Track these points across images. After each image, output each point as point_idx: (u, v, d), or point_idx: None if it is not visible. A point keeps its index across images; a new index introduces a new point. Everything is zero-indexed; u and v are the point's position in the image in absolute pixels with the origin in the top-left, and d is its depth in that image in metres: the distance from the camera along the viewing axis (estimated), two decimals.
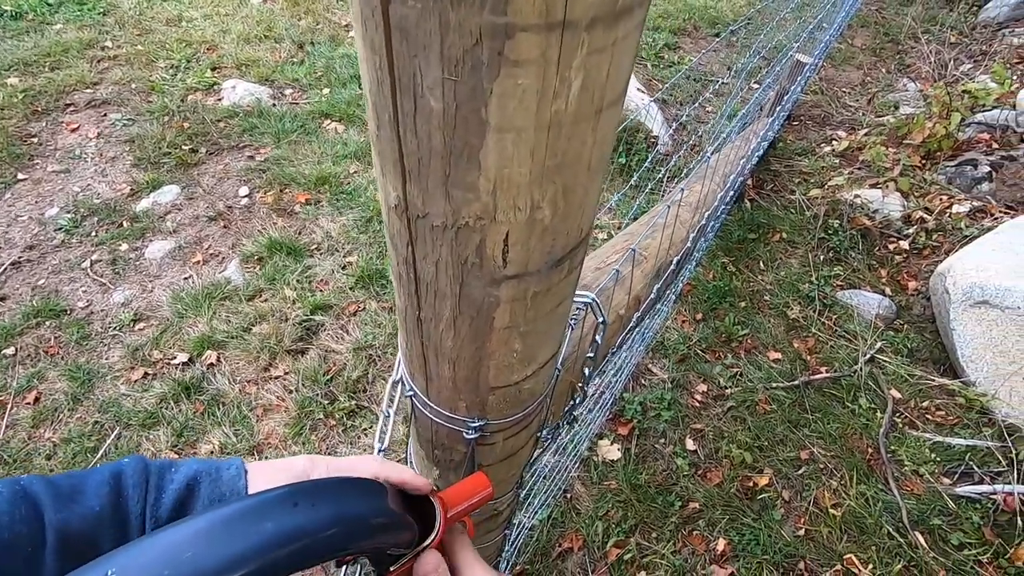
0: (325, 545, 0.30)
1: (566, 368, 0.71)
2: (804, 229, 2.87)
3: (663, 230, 1.16)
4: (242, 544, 0.27)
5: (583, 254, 0.39)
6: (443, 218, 0.31)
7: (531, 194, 0.29)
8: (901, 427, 2.07)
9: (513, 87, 0.24)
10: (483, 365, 0.43)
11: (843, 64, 4.65)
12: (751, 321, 2.44)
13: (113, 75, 3.28)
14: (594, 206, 0.35)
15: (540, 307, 0.39)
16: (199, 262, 2.38)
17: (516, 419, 0.52)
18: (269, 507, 0.29)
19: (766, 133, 2.96)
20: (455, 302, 0.37)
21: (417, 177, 0.30)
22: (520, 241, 0.32)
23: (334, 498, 0.32)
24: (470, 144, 0.27)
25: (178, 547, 0.26)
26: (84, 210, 2.53)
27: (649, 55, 4.01)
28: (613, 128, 0.31)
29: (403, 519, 0.38)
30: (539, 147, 0.27)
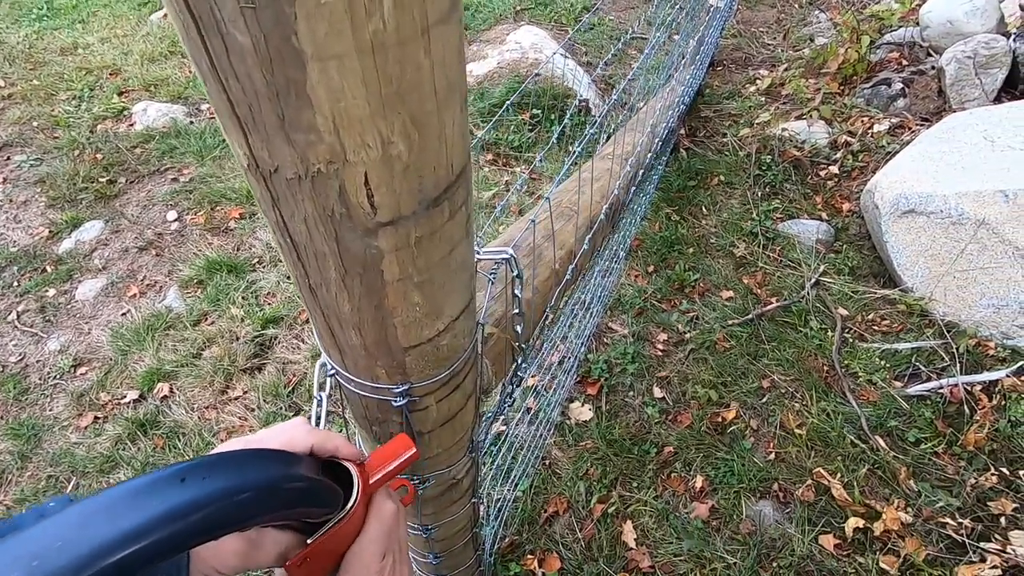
0: (224, 515, 0.29)
1: (499, 328, 0.71)
2: (739, 169, 2.94)
3: (589, 184, 1.17)
4: (125, 524, 0.26)
5: (464, 194, 0.38)
6: (294, 168, 0.30)
7: (377, 128, 0.29)
8: (851, 342, 2.16)
9: (316, 7, 0.23)
10: (388, 325, 0.42)
11: (757, 5, 4.74)
12: (701, 265, 2.50)
13: (10, 115, 3.08)
14: (461, 141, 0.35)
15: (429, 254, 0.38)
16: (135, 295, 2.28)
17: (443, 379, 0.51)
18: (152, 486, 0.28)
19: (691, 81, 3.00)
20: (337, 261, 0.36)
21: (254, 126, 0.28)
22: (383, 182, 0.31)
23: (232, 470, 0.31)
24: (294, 79, 0.26)
25: (50, 536, 0.24)
26: (1, 261, 2.39)
27: (569, 20, 4.00)
28: (453, 51, 0.30)
29: (320, 484, 0.37)
30: (368, 74, 0.26)
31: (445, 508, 0.80)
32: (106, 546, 0.24)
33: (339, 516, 0.39)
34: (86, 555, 0.24)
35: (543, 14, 4.03)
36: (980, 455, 1.75)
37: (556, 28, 3.89)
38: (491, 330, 0.69)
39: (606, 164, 1.35)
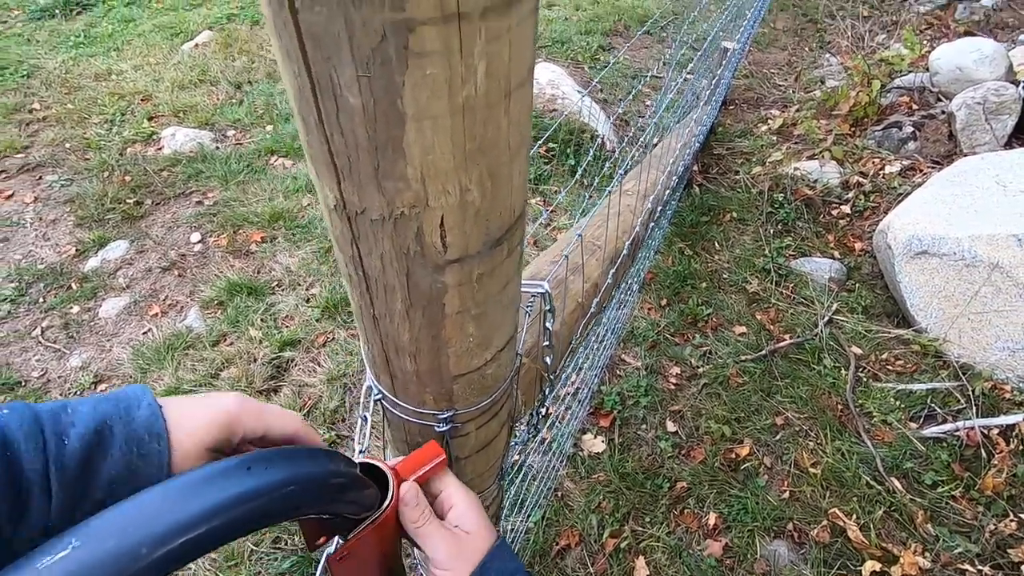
0: (283, 504, 0.33)
1: (530, 357, 0.74)
2: (752, 206, 2.98)
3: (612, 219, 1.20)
4: (200, 504, 0.29)
5: (521, 234, 0.41)
6: (380, 211, 0.33)
7: (458, 178, 0.32)
8: (865, 381, 2.16)
9: (422, 77, 0.27)
10: (442, 354, 0.45)
11: (768, 47, 4.87)
12: (714, 300, 2.52)
13: (45, 137, 3.19)
14: (522, 187, 0.38)
15: (487, 289, 0.41)
16: (157, 314, 2.32)
17: (484, 406, 0.54)
18: (224, 473, 0.31)
19: (704, 120, 3.07)
20: (405, 294, 0.39)
21: (349, 174, 0.32)
22: (456, 225, 0.34)
23: (288, 462, 0.35)
24: (393, 136, 0.29)
25: (135, 513, 0.28)
26: (28, 277, 2.45)
27: (585, 58, 4.12)
28: (526, 109, 0.33)
29: (360, 480, 0.41)
30: (457, 132, 0.30)
31: None
32: (196, 517, 0.29)
33: (375, 515, 0.43)
34: (174, 528, 0.28)
35: (560, 51, 4.15)
36: (999, 500, 1.73)
37: (572, 65, 4.00)
38: (524, 360, 0.71)
39: (627, 200, 1.38)
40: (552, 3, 4.99)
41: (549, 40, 4.26)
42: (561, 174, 3.05)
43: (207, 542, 0.29)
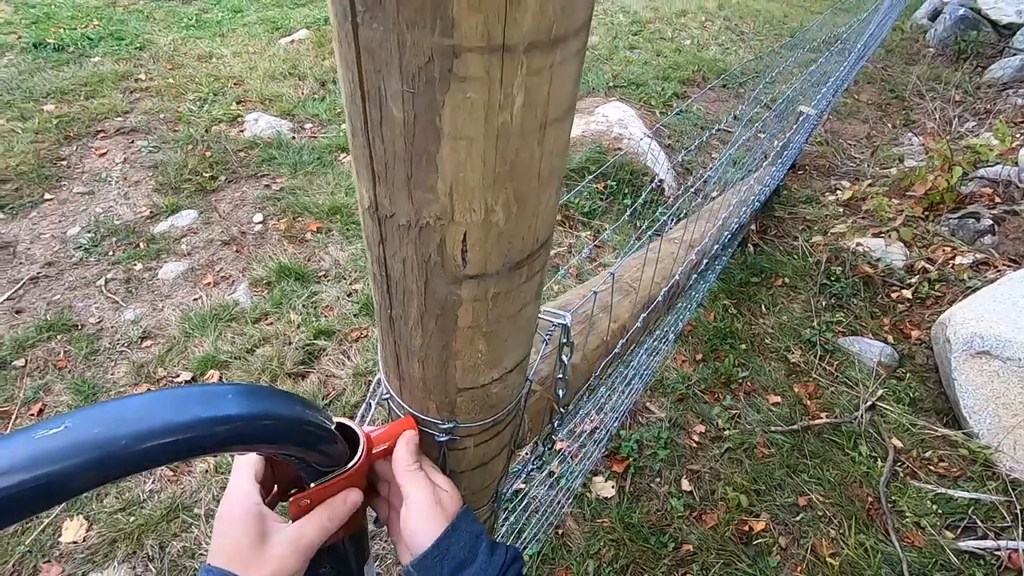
0: (254, 434, 0.37)
1: (544, 386, 0.74)
2: (806, 275, 2.89)
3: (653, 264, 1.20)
4: (179, 416, 0.33)
5: (543, 262, 0.42)
6: (407, 217, 0.35)
7: (484, 197, 0.33)
8: (902, 477, 2.03)
9: (462, 100, 0.28)
10: (450, 364, 0.46)
11: (849, 117, 4.76)
12: (751, 364, 2.44)
13: (144, 105, 3.44)
14: (550, 217, 0.39)
15: (502, 309, 0.42)
16: (209, 284, 2.44)
17: (486, 425, 0.54)
18: (208, 395, 0.35)
19: (769, 180, 3.02)
20: (421, 300, 0.40)
21: (385, 179, 0.33)
22: (478, 242, 0.36)
23: (268, 399, 0.38)
24: (428, 150, 0.31)
25: (124, 411, 0.32)
26: (104, 230, 2.62)
27: (658, 103, 4.14)
28: (561, 144, 0.35)
29: (331, 433, 0.44)
30: (489, 154, 0.31)
31: None
32: (160, 429, 0.32)
33: (341, 470, 0.46)
34: (156, 429, 0.32)
35: (634, 94, 4.19)
36: None
37: (644, 108, 4.02)
38: (535, 387, 0.71)
39: (672, 248, 1.37)
40: (634, 46, 5.06)
41: (625, 81, 4.31)
42: (615, 212, 3.05)
43: (180, 450, 0.33)
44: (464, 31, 0.26)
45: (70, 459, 0.30)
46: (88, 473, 0.30)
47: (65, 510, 1.70)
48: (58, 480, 0.29)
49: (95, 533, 1.66)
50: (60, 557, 1.61)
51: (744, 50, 5.62)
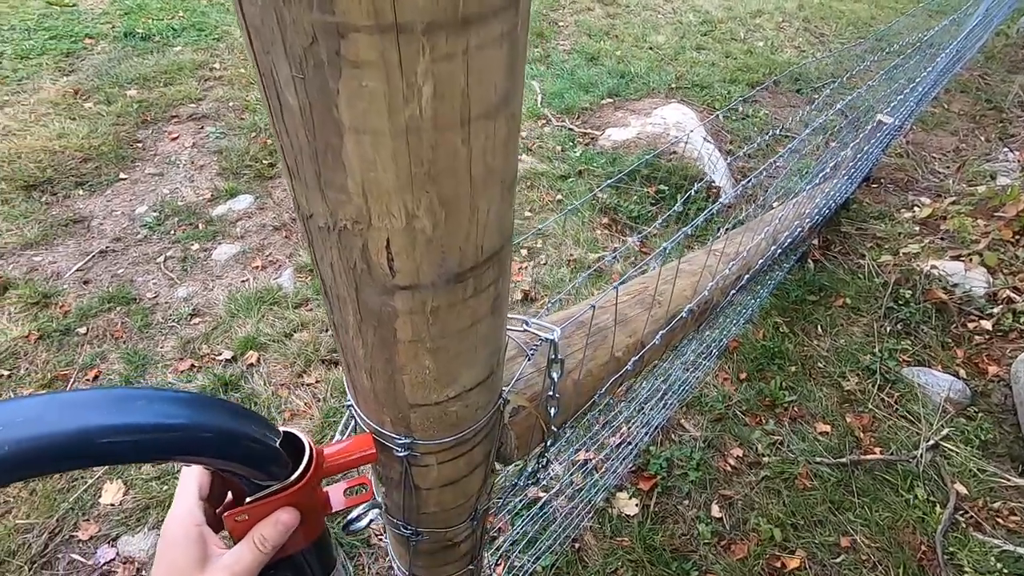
0: (188, 444, 0.35)
1: (533, 404, 0.69)
2: (871, 297, 2.68)
3: (685, 277, 1.12)
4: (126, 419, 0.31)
5: (495, 276, 0.38)
6: (324, 219, 0.31)
7: (403, 201, 0.29)
8: (964, 527, 1.84)
9: (358, 88, 0.25)
10: (397, 379, 0.42)
11: (936, 129, 4.39)
12: (800, 388, 2.28)
13: (215, 93, 3.61)
14: (497, 226, 0.35)
15: (446, 324, 0.38)
16: (258, 267, 2.53)
17: (448, 444, 0.50)
18: (153, 397, 0.33)
19: (837, 192, 2.82)
20: (355, 308, 0.37)
21: (298, 175, 0.30)
22: (404, 251, 0.32)
23: (209, 411, 0.36)
24: (331, 144, 0.27)
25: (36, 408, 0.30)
26: (168, 210, 2.77)
27: (722, 106, 3.96)
28: (499, 144, 0.30)
29: (273, 452, 0.41)
30: (400, 152, 0.27)
31: (438, 566, 0.78)
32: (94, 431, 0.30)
33: (279, 486, 0.43)
34: (71, 432, 0.29)
35: (697, 96, 4.03)
36: None
37: (706, 111, 3.86)
38: (523, 403, 0.67)
39: (709, 260, 1.29)
40: (702, 46, 4.87)
41: (688, 83, 4.15)
42: (666, 218, 2.93)
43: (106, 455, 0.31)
44: (346, 6, 0.22)
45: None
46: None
47: (107, 473, 1.80)
48: None
49: (131, 498, 1.75)
50: (98, 517, 1.70)
51: (823, 53, 5.29)
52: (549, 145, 3.43)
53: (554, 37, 4.80)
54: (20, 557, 1.57)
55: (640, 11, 5.41)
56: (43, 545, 1.61)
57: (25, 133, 3.08)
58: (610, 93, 3.97)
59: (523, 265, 2.69)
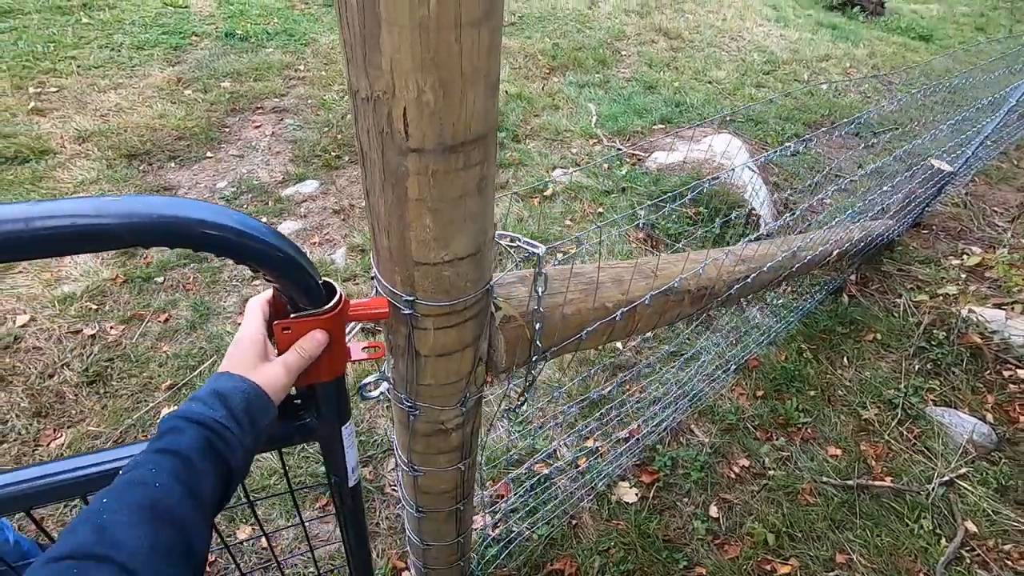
0: (270, 259, 0.51)
1: (522, 316, 0.83)
2: (903, 335, 2.66)
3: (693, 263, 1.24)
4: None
5: (481, 157, 0.53)
6: (365, 91, 0.48)
7: (416, 78, 0.45)
8: (969, 563, 1.82)
9: None
10: (406, 237, 0.58)
11: (1000, 183, 4.29)
12: (817, 411, 2.30)
13: (297, 91, 3.98)
14: (481, 115, 0.50)
15: (442, 188, 0.53)
16: (315, 243, 2.78)
17: (443, 308, 0.66)
18: (248, 222, 0.50)
19: (880, 232, 2.83)
20: (381, 167, 0.53)
21: (352, 60, 0.47)
22: (414, 119, 0.48)
23: (290, 244, 0.52)
24: (373, 33, 0.44)
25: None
26: (244, 187, 3.08)
27: (774, 141, 4.02)
28: (481, 48, 0.46)
29: (319, 287, 0.58)
30: (415, 42, 0.43)
31: (432, 455, 0.92)
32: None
33: (316, 311, 0.59)
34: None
35: (750, 130, 4.10)
36: None
37: (757, 145, 3.93)
38: (514, 314, 0.81)
39: (717, 255, 1.40)
40: (762, 84, 4.94)
41: (743, 116, 4.24)
42: (701, 237, 3.02)
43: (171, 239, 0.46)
44: None
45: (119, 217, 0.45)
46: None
47: (167, 400, 2.04)
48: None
49: None
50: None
51: (889, 101, 5.25)
52: (597, 162, 3.59)
53: (616, 65, 5.00)
54: None
55: (704, 47, 5.54)
56: None
57: (132, 111, 3.50)
58: (663, 120, 4.11)
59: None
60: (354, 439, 0.81)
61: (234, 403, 0.55)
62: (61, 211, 0.41)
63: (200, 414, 0.52)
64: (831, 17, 7.25)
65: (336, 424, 0.76)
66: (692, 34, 5.81)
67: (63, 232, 0.41)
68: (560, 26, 5.56)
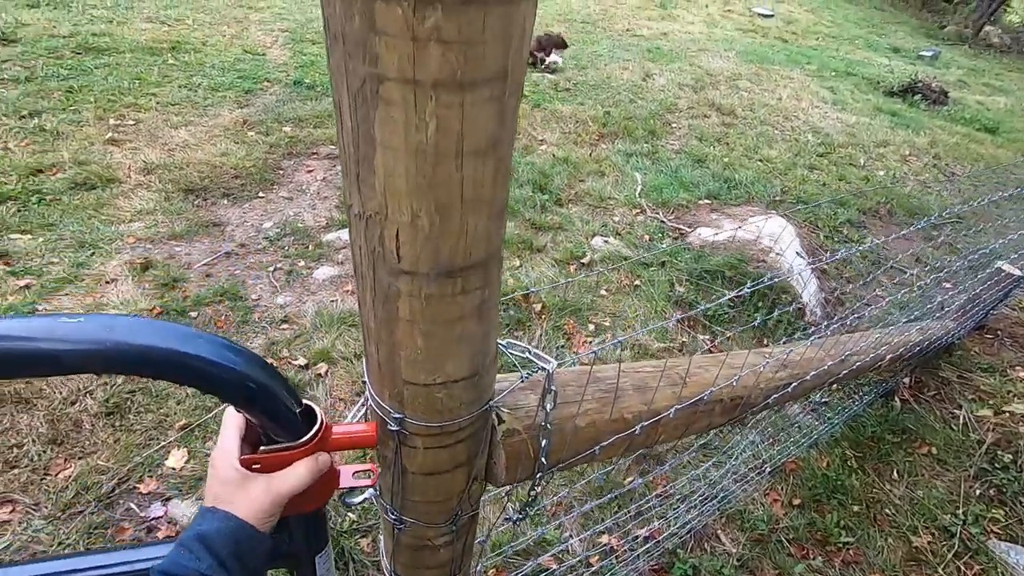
0: (238, 390, 0.46)
1: (527, 431, 0.75)
2: (962, 452, 2.42)
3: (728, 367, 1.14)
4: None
5: (480, 282, 0.48)
6: (358, 208, 0.43)
7: (410, 202, 0.41)
8: None
9: (388, 117, 0.37)
10: (396, 354, 0.52)
11: None
12: (861, 531, 2.08)
13: None
14: (484, 241, 0.45)
15: (436, 312, 0.48)
16: (348, 291, 2.79)
17: (433, 429, 0.59)
18: (215, 341, 0.44)
19: (939, 335, 2.64)
20: (372, 284, 0.48)
21: (347, 175, 0.43)
22: (408, 241, 0.43)
23: (262, 368, 0.47)
24: (368, 154, 0.39)
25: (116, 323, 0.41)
26: (288, 229, 3.16)
27: (825, 225, 3.89)
28: (486, 176, 0.41)
29: (296, 419, 0.52)
30: (411, 166, 0.39)
31: (418, 568, 0.84)
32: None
33: (292, 444, 0.54)
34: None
35: (800, 212, 3.99)
36: None
37: (807, 228, 3.80)
38: (518, 428, 0.74)
39: (755, 359, 1.30)
40: (816, 166, 4.85)
41: (793, 198, 4.13)
42: (742, 322, 2.88)
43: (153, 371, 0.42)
44: (385, 64, 0.35)
45: (71, 343, 0.40)
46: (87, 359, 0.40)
47: (178, 441, 2.02)
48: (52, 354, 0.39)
49: (190, 466, 1.94)
50: (159, 476, 1.90)
51: (950, 193, 5.06)
52: (638, 233, 3.53)
53: (665, 136, 5.02)
54: (91, 493, 1.79)
55: (757, 124, 5.52)
56: (111, 488, 1.82)
57: (198, 148, 3.69)
58: (709, 195, 4.05)
59: (588, 339, 2.74)
60: (331, 566, 0.74)
61: (220, 547, 0.50)
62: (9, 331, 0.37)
63: (185, 568, 0.47)
64: (891, 103, 7.15)
65: (310, 553, 0.69)
66: (745, 111, 5.81)
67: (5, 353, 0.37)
68: (613, 95, 5.66)
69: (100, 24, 5.24)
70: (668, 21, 9.33)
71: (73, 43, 4.68)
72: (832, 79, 7.47)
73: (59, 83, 4.08)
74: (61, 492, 1.80)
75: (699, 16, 10.02)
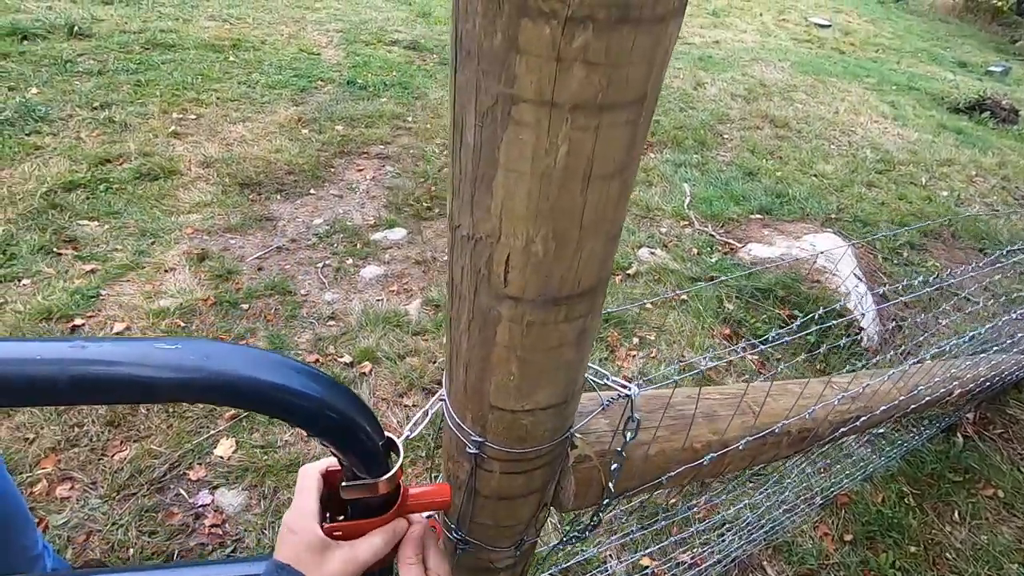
0: (319, 420, 0.44)
1: (599, 457, 0.73)
2: None
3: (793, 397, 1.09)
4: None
5: (586, 310, 0.45)
6: (468, 230, 0.42)
7: (527, 227, 0.39)
8: None
9: (516, 139, 0.35)
10: (486, 379, 0.50)
11: None
12: (918, 573, 1.97)
13: (402, 140, 4.18)
14: (596, 267, 0.43)
15: (536, 339, 0.46)
16: (394, 291, 2.81)
17: (513, 455, 0.57)
18: (301, 370, 0.43)
19: (1010, 369, 2.48)
20: (471, 306, 0.46)
21: (459, 195, 0.41)
22: (518, 267, 0.41)
23: (338, 392, 0.45)
24: (487, 175, 0.37)
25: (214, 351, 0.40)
26: (338, 227, 3.20)
27: (883, 247, 3.72)
28: (610, 200, 0.39)
29: (379, 453, 0.50)
30: (533, 190, 0.37)
31: None
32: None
33: (373, 518, 0.53)
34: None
35: (857, 231, 3.83)
36: None
37: (864, 249, 3.65)
38: (590, 454, 0.71)
39: (823, 390, 1.23)
40: (874, 184, 4.65)
41: (850, 216, 3.97)
42: (793, 344, 2.78)
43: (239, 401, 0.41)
44: (522, 85, 0.32)
45: (162, 371, 0.38)
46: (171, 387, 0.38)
47: (227, 430, 2.06)
48: (149, 379, 0.37)
49: (237, 457, 1.98)
50: (208, 464, 1.94)
51: (1021, 217, 4.78)
52: (686, 246, 3.45)
53: (716, 148, 4.90)
54: (144, 476, 1.85)
55: (812, 138, 5.34)
56: (163, 472, 1.87)
57: (254, 144, 3.79)
58: (761, 209, 3.93)
59: (632, 352, 2.69)
60: None
61: None
62: (101, 356, 0.36)
63: None
64: (956, 120, 6.81)
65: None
66: (800, 124, 5.63)
67: (99, 378, 0.36)
68: (663, 103, 5.57)
69: (168, 21, 5.45)
70: (721, 29, 9.15)
71: (142, 39, 4.88)
72: (893, 93, 7.17)
73: (128, 76, 4.26)
74: (116, 473, 1.86)
75: (752, 25, 9.78)
